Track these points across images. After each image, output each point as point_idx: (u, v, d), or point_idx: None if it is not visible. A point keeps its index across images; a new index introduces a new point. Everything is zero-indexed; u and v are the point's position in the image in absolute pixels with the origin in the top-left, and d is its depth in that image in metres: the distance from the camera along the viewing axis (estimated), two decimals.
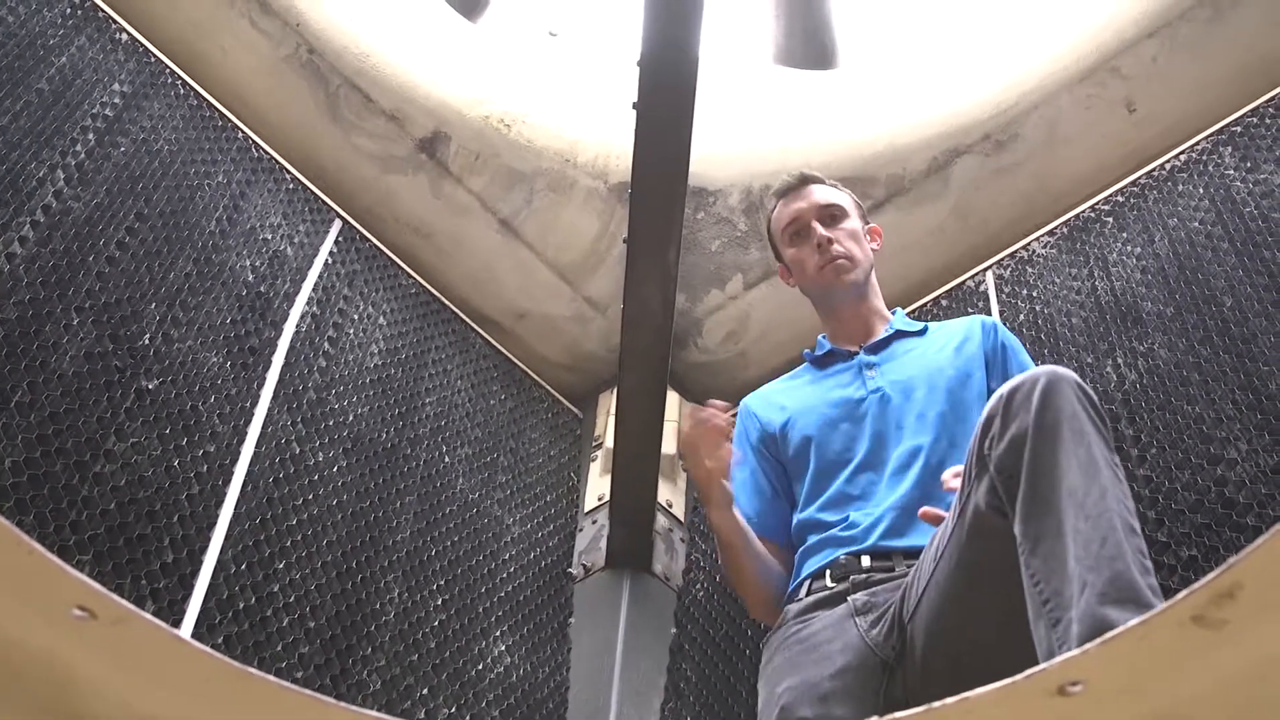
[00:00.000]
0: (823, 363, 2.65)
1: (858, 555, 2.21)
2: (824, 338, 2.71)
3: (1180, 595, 0.88)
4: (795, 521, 2.44)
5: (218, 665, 0.92)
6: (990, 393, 2.39)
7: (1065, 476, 1.62)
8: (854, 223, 2.70)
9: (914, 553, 2.14)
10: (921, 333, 2.63)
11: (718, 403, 2.35)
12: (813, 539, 2.33)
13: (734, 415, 2.57)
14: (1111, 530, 1.53)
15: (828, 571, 2.24)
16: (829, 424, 2.46)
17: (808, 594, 2.25)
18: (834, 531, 2.29)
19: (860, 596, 2.14)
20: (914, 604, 1.98)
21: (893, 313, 2.72)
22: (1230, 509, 2.48)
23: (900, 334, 2.62)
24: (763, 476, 2.54)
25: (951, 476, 2.06)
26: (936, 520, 2.04)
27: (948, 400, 2.38)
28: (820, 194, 2.72)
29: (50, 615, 0.89)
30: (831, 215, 2.68)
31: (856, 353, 2.59)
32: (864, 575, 2.17)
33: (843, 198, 2.75)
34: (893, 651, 2.00)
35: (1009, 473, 1.72)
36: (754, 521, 2.46)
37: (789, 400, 2.60)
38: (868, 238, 2.73)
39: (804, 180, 2.76)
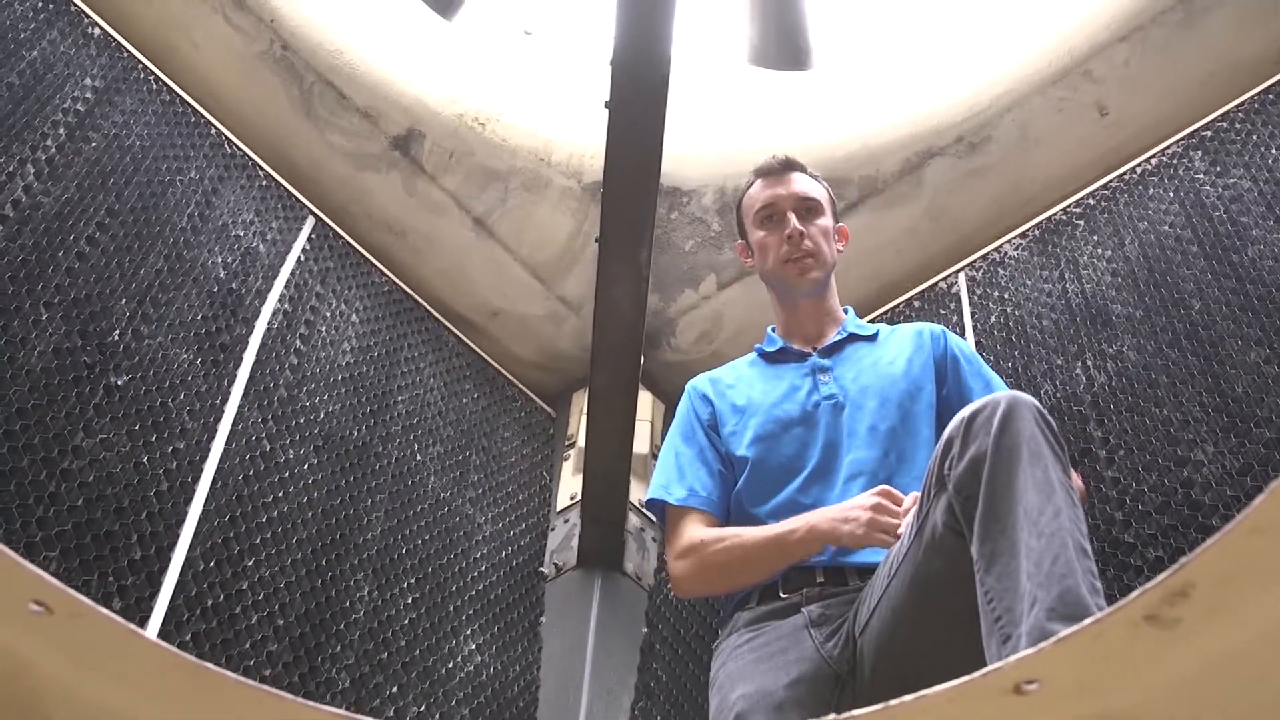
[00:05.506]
0: (774, 359, 2.62)
1: (811, 570, 2.21)
2: (774, 332, 2.67)
3: (1133, 594, 0.88)
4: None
5: (175, 660, 0.91)
6: (940, 404, 2.41)
7: (1022, 496, 1.64)
8: (827, 220, 2.67)
9: (867, 570, 2.14)
10: (873, 337, 2.61)
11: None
12: None
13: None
14: (1063, 549, 1.54)
15: (779, 582, 2.23)
16: (781, 427, 2.43)
17: (759, 603, 2.25)
18: None
19: (815, 609, 2.14)
20: (865, 619, 1.98)
21: (845, 312, 2.69)
22: (1196, 511, 2.49)
23: (853, 337, 2.60)
24: (712, 453, 2.49)
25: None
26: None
27: (898, 414, 2.38)
28: (801, 184, 2.68)
29: (6, 610, 0.89)
30: (809, 209, 2.64)
31: (809, 354, 2.57)
32: (817, 589, 2.18)
33: (821, 192, 2.70)
34: (846, 665, 2.01)
35: (967, 493, 1.73)
36: (706, 498, 2.41)
37: (740, 394, 2.56)
38: (836, 237, 2.70)
39: (787, 165, 2.70)
